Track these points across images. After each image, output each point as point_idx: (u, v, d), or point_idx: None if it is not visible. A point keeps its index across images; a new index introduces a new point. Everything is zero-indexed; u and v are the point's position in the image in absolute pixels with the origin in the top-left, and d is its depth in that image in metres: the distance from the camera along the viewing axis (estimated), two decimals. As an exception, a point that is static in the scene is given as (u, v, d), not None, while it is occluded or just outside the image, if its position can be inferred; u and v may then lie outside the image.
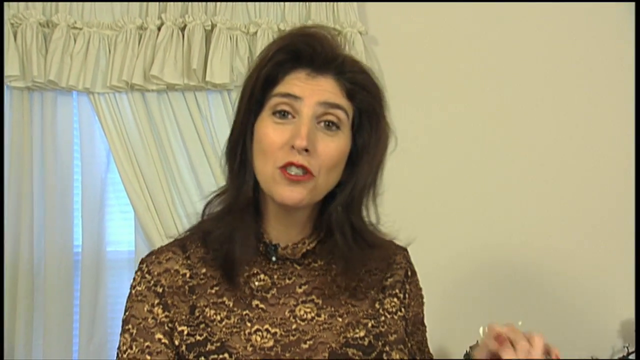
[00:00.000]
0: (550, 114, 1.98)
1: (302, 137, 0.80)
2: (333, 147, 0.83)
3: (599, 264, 1.93)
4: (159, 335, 0.86)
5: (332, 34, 0.88)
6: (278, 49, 0.85)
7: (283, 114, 0.83)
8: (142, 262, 0.92)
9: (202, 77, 1.85)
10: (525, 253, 1.94)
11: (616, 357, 1.87)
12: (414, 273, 1.01)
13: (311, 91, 0.83)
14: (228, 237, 0.86)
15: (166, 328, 0.86)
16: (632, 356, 1.82)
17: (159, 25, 1.86)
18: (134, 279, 0.91)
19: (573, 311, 1.94)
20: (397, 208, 0.97)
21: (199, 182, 1.92)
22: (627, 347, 1.85)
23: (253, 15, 1.92)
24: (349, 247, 0.88)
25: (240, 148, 0.87)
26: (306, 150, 0.80)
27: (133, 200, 1.90)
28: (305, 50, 0.84)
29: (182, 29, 1.87)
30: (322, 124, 0.83)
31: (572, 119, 1.97)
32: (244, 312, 0.87)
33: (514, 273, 1.92)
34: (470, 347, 1.83)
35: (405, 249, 1.02)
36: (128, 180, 1.89)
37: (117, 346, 0.89)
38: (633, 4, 1.77)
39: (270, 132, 0.83)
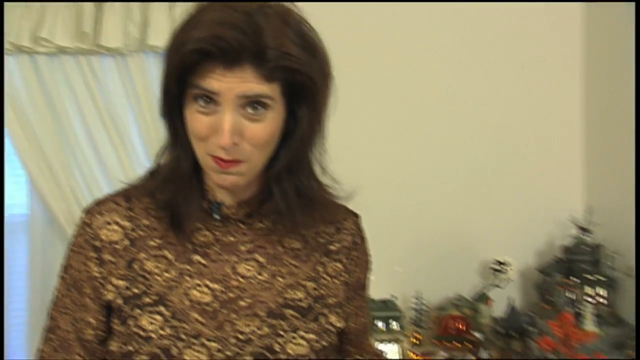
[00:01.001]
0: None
1: (225, 137, 0.77)
2: (260, 130, 0.80)
3: (463, 214, 2.21)
4: (87, 290, 0.88)
5: (245, 10, 0.77)
6: (187, 52, 0.77)
7: (206, 101, 0.79)
8: (84, 211, 0.91)
9: (94, 41, 1.85)
10: (406, 199, 2.15)
11: (474, 292, 2.18)
12: (363, 240, 0.99)
13: (228, 85, 0.77)
14: (172, 200, 0.86)
15: (96, 283, 0.87)
16: (487, 289, 2.13)
17: (46, -14, 1.83)
18: (76, 228, 0.91)
19: (441, 253, 2.20)
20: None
21: (95, 143, 1.94)
22: (483, 283, 2.17)
23: (146, -20, 1.92)
24: (290, 208, 0.87)
25: (170, 123, 0.85)
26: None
27: (26, 163, 1.89)
28: (214, 50, 0.75)
29: (72, -9, 1.85)
30: (248, 107, 0.79)
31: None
32: (184, 267, 0.87)
33: (384, 216, 2.14)
34: None
35: (356, 215, 1.00)
36: (20, 143, 1.87)
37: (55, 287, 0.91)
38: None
39: (195, 122, 0.80)
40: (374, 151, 2.12)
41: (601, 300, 1.97)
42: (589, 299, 1.96)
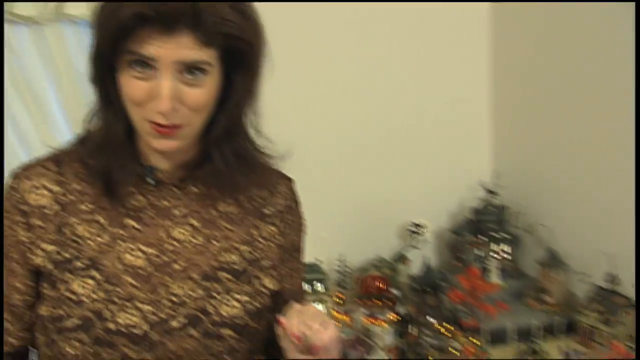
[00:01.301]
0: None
1: (164, 103, 0.77)
2: (199, 95, 0.80)
3: (381, 180, 2.33)
4: (14, 255, 0.88)
5: None
6: (124, 17, 0.75)
7: (142, 66, 0.78)
8: (12, 175, 0.90)
9: (5, 8, 1.77)
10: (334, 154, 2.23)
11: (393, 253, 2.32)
12: (297, 203, 1.01)
13: (166, 51, 0.76)
14: (106, 167, 0.86)
15: (23, 248, 0.87)
16: (405, 250, 2.28)
17: (-52, -53, 1.72)
18: (3, 193, 0.90)
19: (362, 218, 2.31)
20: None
21: (12, 115, 1.88)
22: (401, 244, 2.31)
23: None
24: (230, 171, 0.88)
25: (102, 88, 0.83)
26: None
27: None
28: (153, 14, 0.74)
29: (-21, -45, 1.76)
30: (186, 73, 0.78)
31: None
32: (117, 231, 0.87)
33: (307, 185, 2.21)
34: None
35: (289, 179, 1.01)
36: None
37: None
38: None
39: (131, 88, 0.79)
40: (294, 117, 2.16)
41: (505, 255, 2.16)
42: (495, 255, 2.15)
